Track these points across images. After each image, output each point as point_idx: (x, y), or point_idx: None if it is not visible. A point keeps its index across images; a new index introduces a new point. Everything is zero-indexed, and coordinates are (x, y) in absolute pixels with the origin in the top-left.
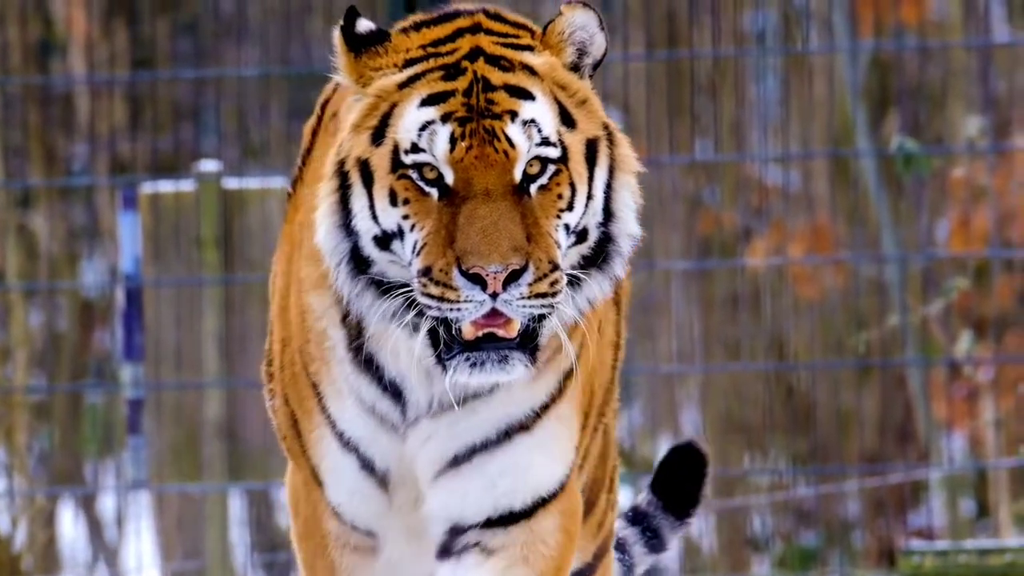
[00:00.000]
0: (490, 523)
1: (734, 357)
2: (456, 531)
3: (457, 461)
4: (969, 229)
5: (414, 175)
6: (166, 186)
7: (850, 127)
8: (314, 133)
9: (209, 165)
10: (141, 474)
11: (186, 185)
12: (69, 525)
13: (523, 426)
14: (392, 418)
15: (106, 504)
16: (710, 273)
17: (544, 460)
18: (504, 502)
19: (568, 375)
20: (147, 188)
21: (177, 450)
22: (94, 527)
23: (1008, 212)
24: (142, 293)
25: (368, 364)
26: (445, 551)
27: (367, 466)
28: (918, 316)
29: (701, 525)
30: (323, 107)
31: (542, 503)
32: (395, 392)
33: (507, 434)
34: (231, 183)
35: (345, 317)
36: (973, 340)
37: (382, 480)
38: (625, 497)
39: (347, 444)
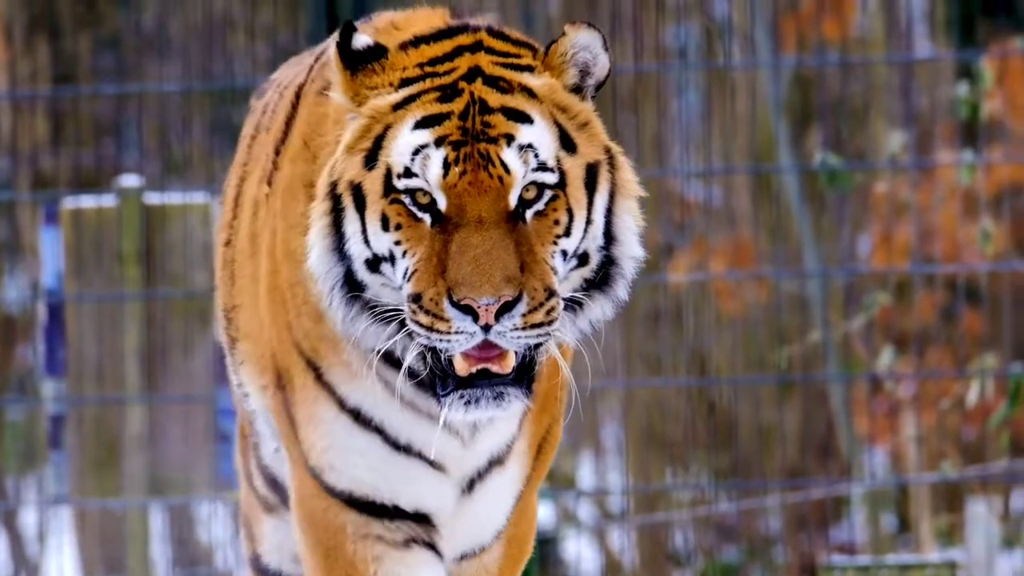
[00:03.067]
0: (460, 556)
1: (655, 372)
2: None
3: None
4: (891, 244)
5: (406, 200)
6: (88, 201)
7: (772, 142)
8: (256, 127)
9: (131, 180)
10: (62, 489)
11: (108, 200)
12: None
13: (509, 445)
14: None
15: (27, 519)
16: (631, 288)
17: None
18: (482, 537)
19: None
20: (69, 203)
21: (98, 465)
22: (15, 542)
23: (930, 228)
24: (64, 308)
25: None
26: None
27: (405, 450)
28: (840, 331)
29: (623, 540)
30: (264, 110)
31: (498, 536)
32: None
33: (500, 460)
34: (153, 198)
35: None
36: (894, 355)
37: (436, 466)
38: (545, 514)
39: (367, 424)
